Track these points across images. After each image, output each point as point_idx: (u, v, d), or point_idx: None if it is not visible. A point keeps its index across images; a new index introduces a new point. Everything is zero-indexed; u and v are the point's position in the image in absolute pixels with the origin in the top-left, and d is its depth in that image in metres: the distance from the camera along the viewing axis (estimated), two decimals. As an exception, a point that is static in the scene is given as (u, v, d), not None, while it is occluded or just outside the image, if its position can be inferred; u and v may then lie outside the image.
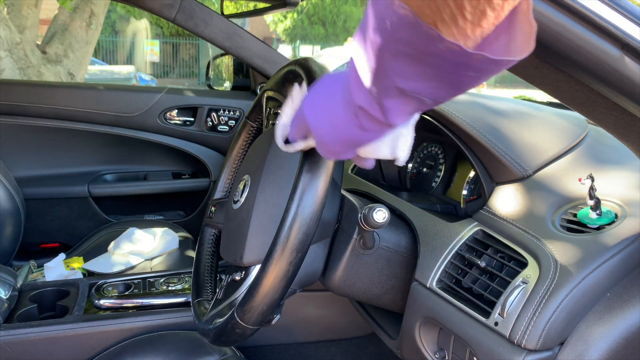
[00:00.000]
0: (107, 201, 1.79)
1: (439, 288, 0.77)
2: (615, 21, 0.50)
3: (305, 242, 0.59)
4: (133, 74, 8.51)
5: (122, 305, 1.06)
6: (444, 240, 0.81)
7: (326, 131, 0.44)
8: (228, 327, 0.66)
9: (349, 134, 0.41)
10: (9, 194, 1.34)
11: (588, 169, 0.79)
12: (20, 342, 0.95)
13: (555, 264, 0.67)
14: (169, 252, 1.42)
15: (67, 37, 3.70)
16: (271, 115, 0.86)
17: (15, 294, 1.04)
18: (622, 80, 0.52)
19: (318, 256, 0.81)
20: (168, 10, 1.57)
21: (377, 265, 0.84)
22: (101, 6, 3.79)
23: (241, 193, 0.79)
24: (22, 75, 3.36)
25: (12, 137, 1.69)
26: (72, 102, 1.70)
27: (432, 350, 0.80)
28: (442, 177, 1.05)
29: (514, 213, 0.78)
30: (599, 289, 0.65)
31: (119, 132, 1.76)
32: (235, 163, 0.96)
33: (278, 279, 0.60)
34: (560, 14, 0.49)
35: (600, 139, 0.89)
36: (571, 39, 0.50)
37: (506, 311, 0.66)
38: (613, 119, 0.60)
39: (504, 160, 0.81)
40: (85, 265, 1.33)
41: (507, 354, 0.65)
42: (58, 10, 3.74)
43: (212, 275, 0.91)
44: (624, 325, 0.63)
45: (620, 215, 0.70)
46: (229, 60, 2.02)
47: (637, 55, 0.51)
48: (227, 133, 1.83)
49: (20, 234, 1.40)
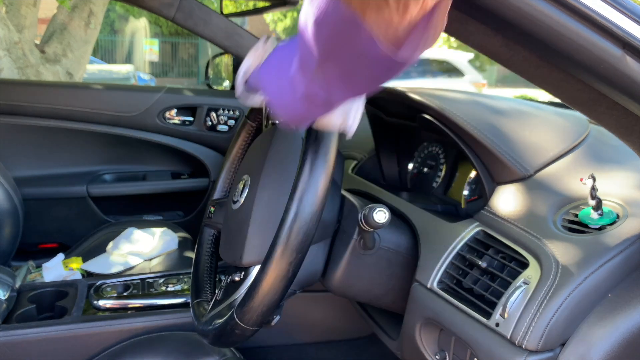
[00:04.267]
0: (106, 201, 1.78)
1: (439, 289, 0.77)
2: (616, 20, 0.50)
3: (305, 243, 0.59)
4: (132, 73, 8.50)
5: (121, 306, 1.06)
6: (444, 241, 0.81)
7: (280, 102, 0.47)
8: (228, 328, 0.66)
9: (298, 108, 0.44)
10: (8, 194, 1.34)
11: (589, 168, 0.79)
12: (19, 343, 0.94)
13: (557, 264, 0.67)
14: (168, 253, 1.42)
15: (65, 37, 3.69)
16: (271, 115, 0.86)
17: (13, 294, 1.03)
18: (623, 80, 0.52)
19: (318, 257, 0.80)
20: (167, 9, 1.57)
21: (378, 265, 0.84)
22: (100, 5, 3.79)
23: (241, 193, 0.78)
24: (20, 74, 3.35)
25: (11, 137, 1.69)
26: (71, 101, 1.70)
27: (433, 351, 0.80)
28: (442, 177, 1.04)
29: (515, 213, 0.78)
30: (600, 290, 0.65)
31: (117, 132, 1.75)
32: (235, 163, 0.96)
33: (278, 279, 0.60)
34: (562, 13, 0.49)
35: (601, 139, 0.88)
36: (572, 38, 0.50)
37: (507, 312, 0.66)
38: (614, 118, 0.60)
39: (505, 160, 0.81)
40: (84, 265, 1.33)
41: (508, 355, 0.65)
42: (57, 10, 3.73)
43: (212, 276, 0.90)
44: (626, 326, 0.63)
45: (621, 215, 0.70)
46: (229, 59, 2.01)
47: (638, 54, 0.51)
48: (227, 133, 1.83)
49: (18, 234, 1.39)
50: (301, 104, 0.43)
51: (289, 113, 0.46)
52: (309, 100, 0.42)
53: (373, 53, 0.31)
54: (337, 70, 0.36)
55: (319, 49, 0.35)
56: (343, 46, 0.33)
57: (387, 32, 0.30)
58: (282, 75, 0.46)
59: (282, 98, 0.46)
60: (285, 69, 0.45)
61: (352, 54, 0.33)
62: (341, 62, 0.35)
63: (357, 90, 0.38)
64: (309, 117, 0.47)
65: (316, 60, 0.36)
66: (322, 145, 0.59)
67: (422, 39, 0.31)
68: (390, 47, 0.31)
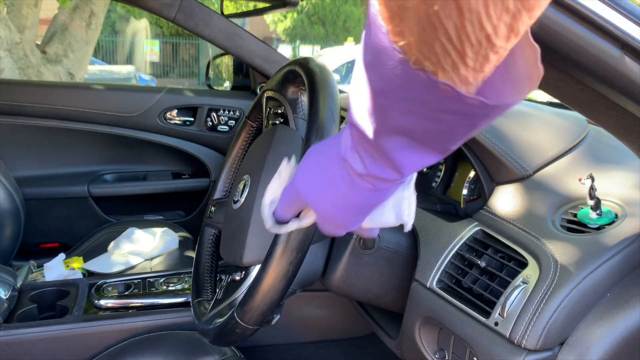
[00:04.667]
0: (107, 201, 1.78)
1: (439, 288, 0.77)
2: (615, 21, 0.50)
3: (306, 242, 0.59)
4: (133, 73, 8.50)
5: (122, 305, 1.06)
6: (444, 240, 0.81)
7: (329, 203, 0.40)
8: (228, 327, 0.66)
9: (353, 200, 0.38)
10: (9, 194, 1.34)
11: (588, 168, 0.79)
12: (20, 342, 0.95)
13: (556, 264, 0.67)
14: (169, 252, 1.42)
15: (66, 37, 3.70)
16: (271, 115, 0.86)
17: (15, 294, 1.04)
18: (622, 80, 0.52)
19: (318, 256, 0.81)
20: (168, 10, 1.57)
21: (377, 265, 0.84)
22: (101, 6, 3.79)
23: (241, 193, 0.79)
24: (21, 75, 3.36)
25: (12, 137, 1.69)
26: (72, 102, 1.70)
27: (432, 350, 0.80)
28: (442, 177, 1.05)
29: (514, 213, 0.78)
30: (599, 289, 0.65)
31: (118, 132, 1.75)
32: (235, 163, 0.96)
33: (278, 279, 0.60)
34: (561, 14, 0.49)
35: (600, 139, 0.89)
36: (571, 38, 0.50)
37: (506, 311, 0.66)
38: (613, 119, 0.60)
39: (504, 160, 0.81)
40: (85, 265, 1.33)
41: (507, 354, 0.65)
42: (58, 10, 3.73)
43: (212, 276, 0.90)
44: (624, 325, 0.63)
45: (620, 215, 0.70)
46: (229, 60, 2.02)
47: (637, 55, 0.51)
48: (227, 133, 1.83)
49: (20, 234, 1.40)
50: (356, 194, 0.37)
51: (339, 212, 0.40)
52: (366, 186, 0.36)
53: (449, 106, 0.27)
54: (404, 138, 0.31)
55: (379, 120, 0.30)
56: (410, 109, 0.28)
57: (464, 89, 0.26)
58: (325, 169, 0.39)
59: (331, 194, 0.39)
60: (328, 161, 0.39)
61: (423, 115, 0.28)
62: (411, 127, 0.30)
63: (430, 153, 0.32)
64: (362, 212, 0.40)
65: (375, 133, 0.31)
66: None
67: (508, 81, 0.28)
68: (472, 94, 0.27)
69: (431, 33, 0.24)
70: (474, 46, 0.24)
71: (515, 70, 0.28)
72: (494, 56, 0.25)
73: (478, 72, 0.26)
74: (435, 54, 0.25)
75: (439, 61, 0.25)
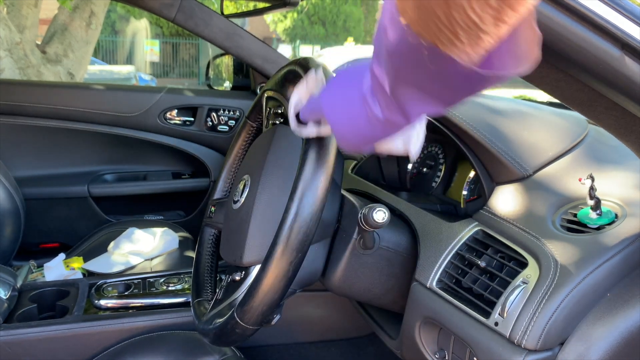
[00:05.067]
0: (107, 201, 1.78)
1: (439, 288, 0.77)
2: (615, 21, 0.50)
3: (305, 242, 0.59)
4: (133, 73, 8.50)
5: (122, 306, 1.06)
6: (444, 241, 0.81)
7: (346, 129, 0.46)
8: (228, 327, 0.66)
9: (367, 131, 0.43)
10: (9, 194, 1.34)
11: (588, 169, 0.79)
12: (20, 342, 0.95)
13: (556, 264, 0.67)
14: (169, 252, 1.42)
15: (66, 37, 3.70)
16: (271, 115, 0.86)
17: (15, 294, 1.04)
18: (622, 80, 0.52)
19: (318, 256, 0.80)
20: (168, 10, 1.57)
21: (377, 265, 0.84)
22: (101, 6, 3.79)
23: (241, 193, 0.79)
24: (21, 75, 3.36)
25: (12, 137, 1.69)
26: (72, 102, 1.70)
27: (432, 350, 0.80)
28: (442, 177, 1.05)
29: (514, 213, 0.78)
30: (599, 289, 0.65)
31: (118, 132, 1.75)
32: (235, 163, 0.96)
33: (278, 279, 0.60)
34: (561, 14, 0.49)
35: (600, 139, 0.89)
36: (571, 38, 0.50)
37: (506, 311, 0.66)
38: (613, 118, 0.60)
39: (504, 160, 0.81)
40: (85, 265, 1.33)
41: (507, 354, 0.65)
42: (58, 10, 3.73)
43: (212, 276, 0.90)
44: (625, 325, 0.63)
45: (620, 215, 0.70)
46: (229, 60, 2.02)
47: (637, 55, 0.51)
48: (227, 133, 1.83)
49: (20, 234, 1.40)
50: (371, 127, 0.42)
51: (356, 138, 0.46)
52: (381, 124, 0.41)
53: (453, 71, 0.30)
54: (414, 93, 0.35)
55: (393, 76, 0.35)
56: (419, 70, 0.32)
57: (464, 58, 0.29)
58: (348, 101, 0.44)
59: (350, 123, 0.45)
60: (351, 95, 0.44)
61: (430, 76, 0.33)
62: (419, 85, 0.34)
63: (437, 106, 0.36)
64: (375, 140, 0.46)
65: (390, 86, 0.36)
66: (322, 145, 0.59)
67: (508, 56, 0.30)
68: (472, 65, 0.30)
69: (425, 15, 0.28)
70: (465, 29, 0.27)
71: (518, 49, 0.30)
72: (486, 36, 0.27)
73: (474, 47, 0.28)
74: (432, 31, 0.28)
75: (437, 36, 0.28)
